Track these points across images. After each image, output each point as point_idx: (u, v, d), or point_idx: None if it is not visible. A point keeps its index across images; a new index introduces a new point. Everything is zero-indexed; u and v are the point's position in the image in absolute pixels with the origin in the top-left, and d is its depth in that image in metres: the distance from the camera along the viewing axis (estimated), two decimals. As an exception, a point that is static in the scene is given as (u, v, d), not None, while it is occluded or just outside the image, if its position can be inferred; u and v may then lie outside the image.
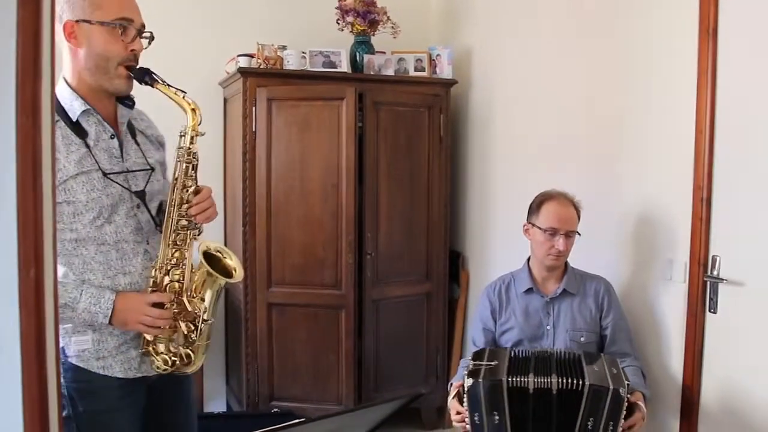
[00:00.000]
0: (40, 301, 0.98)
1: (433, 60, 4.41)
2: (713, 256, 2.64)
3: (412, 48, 4.43)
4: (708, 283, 2.65)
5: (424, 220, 4.31)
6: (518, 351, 2.69)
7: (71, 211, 1.93)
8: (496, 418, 2.43)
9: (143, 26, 2.02)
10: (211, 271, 2.07)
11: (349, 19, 4.28)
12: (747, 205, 2.51)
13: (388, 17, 4.33)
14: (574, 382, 2.39)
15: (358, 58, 4.32)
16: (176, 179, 2.04)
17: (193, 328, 2.08)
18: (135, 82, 2.04)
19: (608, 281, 2.95)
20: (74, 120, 1.97)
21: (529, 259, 2.99)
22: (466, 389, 2.46)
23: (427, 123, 4.28)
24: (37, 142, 0.96)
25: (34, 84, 0.95)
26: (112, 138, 2.04)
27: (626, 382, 2.40)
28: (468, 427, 2.49)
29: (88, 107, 1.99)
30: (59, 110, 1.95)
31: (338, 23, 4.31)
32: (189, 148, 2.04)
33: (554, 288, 2.91)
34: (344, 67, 4.20)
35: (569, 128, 3.53)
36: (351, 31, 4.34)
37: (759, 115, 2.46)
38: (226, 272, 2.13)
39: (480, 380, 2.44)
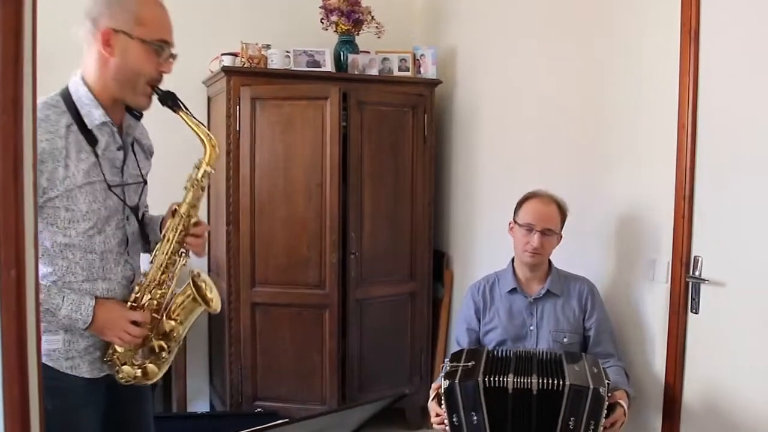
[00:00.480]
0: (22, 302, 0.96)
1: (418, 60, 4.42)
2: (695, 256, 2.65)
3: (397, 48, 4.43)
4: (690, 283, 2.67)
5: (408, 220, 4.32)
6: (497, 351, 2.69)
7: (68, 218, 1.94)
8: (474, 418, 2.43)
9: (173, 47, 2.03)
10: (196, 296, 2.10)
11: (334, 18, 4.28)
12: (729, 205, 2.53)
13: (372, 17, 4.33)
14: (555, 382, 2.39)
15: (342, 57, 4.31)
16: (182, 207, 2.07)
17: (165, 346, 2.11)
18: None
19: (592, 282, 2.96)
20: (90, 127, 1.97)
21: (513, 260, 3.00)
22: (443, 391, 2.47)
23: (412, 123, 4.29)
24: (18, 141, 0.95)
25: (15, 82, 0.94)
26: (118, 150, 2.05)
27: (607, 381, 2.40)
28: (447, 428, 2.49)
29: (107, 120, 1.99)
30: (74, 113, 1.95)
31: (322, 22, 4.31)
32: (200, 181, 2.07)
33: (538, 288, 2.92)
34: (328, 66, 4.19)
35: (553, 128, 3.54)
36: (335, 31, 4.34)
37: (740, 115, 2.47)
38: (204, 301, 2.16)
39: (456, 381, 2.44)
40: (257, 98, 3.96)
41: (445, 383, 2.46)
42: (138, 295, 2.07)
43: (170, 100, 2.01)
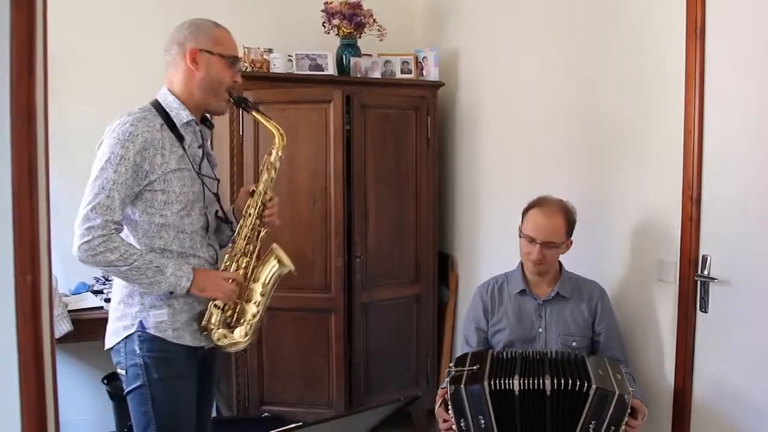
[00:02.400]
0: (37, 306, 0.97)
1: (420, 62, 4.42)
2: (704, 255, 2.64)
3: (399, 50, 4.43)
4: (699, 282, 2.66)
5: (413, 223, 4.31)
6: (503, 353, 2.68)
7: (164, 200, 2.33)
8: (482, 422, 2.43)
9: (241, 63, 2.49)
10: (282, 260, 2.54)
11: (335, 21, 4.28)
12: (737, 203, 2.52)
13: (374, 20, 4.34)
14: (578, 383, 2.38)
15: (344, 60, 4.31)
16: (259, 186, 2.52)
17: (255, 309, 2.51)
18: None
19: (602, 287, 2.95)
20: (177, 126, 2.38)
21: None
22: (449, 396, 2.47)
23: (415, 125, 4.28)
24: (33, 147, 0.95)
25: (29, 89, 0.94)
26: (199, 147, 2.48)
27: (631, 389, 2.40)
28: None
29: (192, 118, 2.43)
30: (164, 116, 2.37)
31: (324, 26, 4.31)
32: (273, 164, 2.52)
33: (547, 291, 2.91)
34: (331, 70, 4.19)
35: (557, 129, 3.54)
36: (337, 34, 4.34)
37: (747, 115, 2.47)
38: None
39: (462, 386, 2.45)
40: (260, 102, 3.93)
41: (450, 388, 2.47)
42: (227, 264, 2.49)
43: (243, 103, 2.51)
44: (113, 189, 2.20)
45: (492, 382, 2.43)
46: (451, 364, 2.67)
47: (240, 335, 2.48)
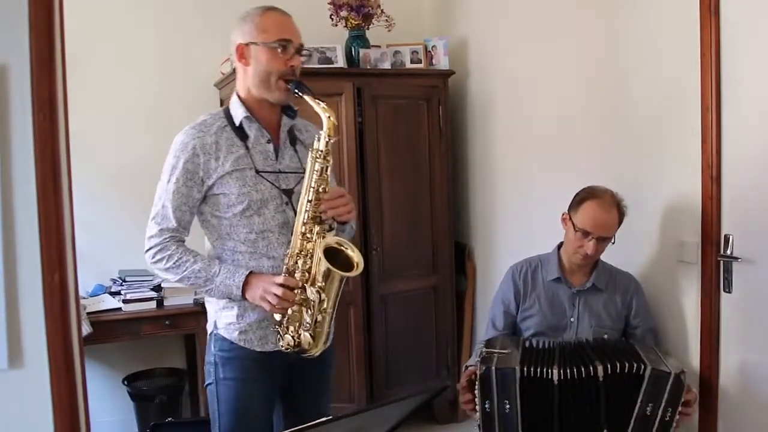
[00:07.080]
0: (66, 304, 0.95)
1: (429, 51, 4.39)
2: (726, 234, 2.61)
3: (408, 40, 4.42)
4: (722, 262, 2.62)
5: (428, 213, 4.30)
6: (537, 342, 2.64)
7: (226, 202, 2.32)
8: (507, 407, 2.39)
9: (302, 46, 2.36)
10: (330, 267, 2.20)
11: (343, 13, 4.27)
12: (758, 181, 2.49)
13: (381, 10, 4.32)
14: (628, 365, 2.35)
15: (353, 52, 4.29)
16: (310, 177, 2.28)
17: (308, 315, 2.27)
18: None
19: (637, 280, 2.91)
20: (237, 124, 2.36)
21: (560, 246, 2.94)
22: (478, 375, 2.43)
23: (427, 115, 4.27)
24: (56, 142, 0.93)
25: (50, 81, 0.92)
26: (268, 143, 2.39)
27: (684, 370, 2.36)
28: (478, 414, 2.45)
29: (248, 114, 2.36)
30: (228, 118, 2.38)
31: (332, 18, 4.29)
32: (323, 151, 2.27)
33: (583, 280, 2.86)
34: (340, 62, 4.17)
35: (571, 112, 3.50)
36: (345, 26, 4.32)
37: (765, 90, 2.43)
38: (349, 263, 2.29)
39: (493, 366, 2.41)
40: (271, 97, 3.94)
41: (481, 368, 2.42)
42: (289, 265, 2.28)
43: (298, 88, 2.30)
44: (167, 199, 2.29)
45: (525, 368, 2.39)
46: (481, 344, 2.64)
47: (304, 341, 2.26)
